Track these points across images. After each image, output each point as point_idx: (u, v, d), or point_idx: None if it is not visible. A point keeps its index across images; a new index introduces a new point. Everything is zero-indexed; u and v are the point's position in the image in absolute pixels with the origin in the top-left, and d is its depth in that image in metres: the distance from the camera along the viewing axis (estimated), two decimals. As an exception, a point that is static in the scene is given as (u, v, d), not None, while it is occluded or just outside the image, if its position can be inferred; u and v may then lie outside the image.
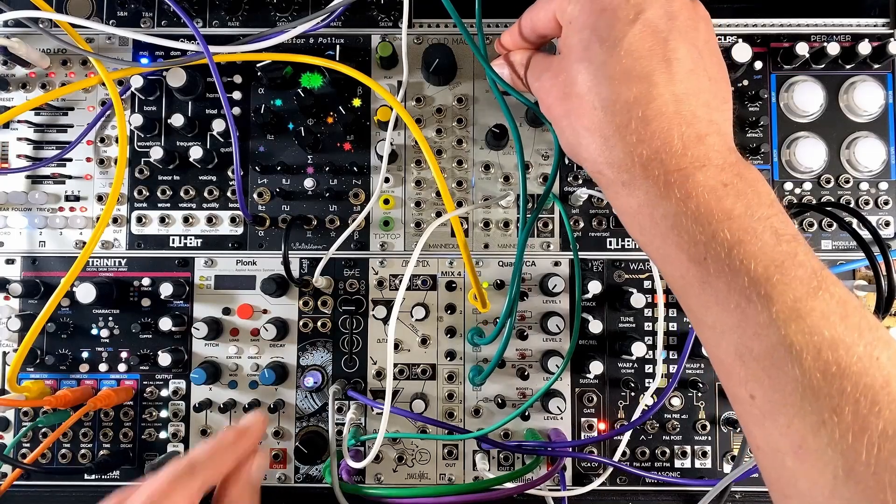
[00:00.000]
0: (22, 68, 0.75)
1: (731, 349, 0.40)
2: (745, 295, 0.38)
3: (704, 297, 0.41)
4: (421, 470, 0.73)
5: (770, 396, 0.38)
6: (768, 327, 0.37)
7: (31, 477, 0.72)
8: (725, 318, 0.40)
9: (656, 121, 0.43)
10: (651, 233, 0.44)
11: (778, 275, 0.38)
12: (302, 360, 0.73)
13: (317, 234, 0.74)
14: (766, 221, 0.40)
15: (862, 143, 0.73)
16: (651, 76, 0.43)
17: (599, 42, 0.45)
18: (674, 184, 0.42)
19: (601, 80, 0.45)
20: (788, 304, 0.37)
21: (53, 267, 0.74)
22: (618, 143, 0.44)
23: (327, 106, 0.74)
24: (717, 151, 0.43)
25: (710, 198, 0.41)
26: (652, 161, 0.43)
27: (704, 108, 0.44)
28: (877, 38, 0.74)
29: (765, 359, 0.38)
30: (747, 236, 0.39)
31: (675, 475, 0.72)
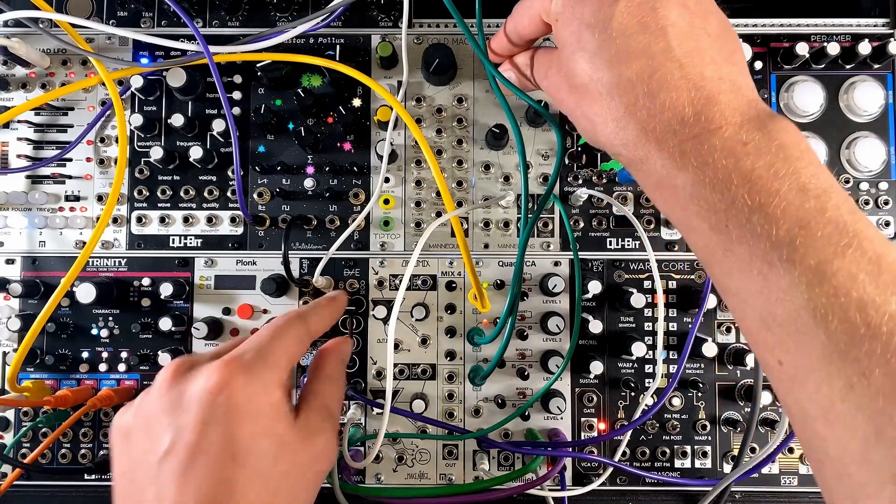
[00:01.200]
0: (22, 68, 0.75)
1: (755, 316, 0.39)
2: (767, 260, 0.37)
3: (727, 265, 0.40)
4: (421, 470, 0.73)
5: (797, 362, 0.37)
6: (791, 291, 0.36)
7: (31, 477, 0.72)
8: (748, 285, 0.39)
9: (662, 92, 0.42)
10: (672, 205, 0.44)
11: (801, 236, 0.36)
12: (302, 361, 0.73)
13: (317, 234, 0.74)
14: (791, 178, 0.38)
15: (862, 143, 0.73)
16: (648, 49, 0.42)
17: (589, 29, 0.45)
18: (689, 153, 0.41)
19: (600, 66, 0.44)
20: (812, 266, 0.36)
21: (53, 267, 0.74)
22: (630, 123, 0.43)
23: (327, 106, 0.74)
24: (733, 109, 0.41)
25: (727, 162, 0.39)
26: (665, 133, 0.42)
27: (711, 66, 0.42)
28: (877, 38, 0.74)
29: (789, 324, 0.37)
30: (769, 198, 0.38)
31: (675, 475, 0.72)
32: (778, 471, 0.72)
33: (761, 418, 0.71)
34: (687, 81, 0.42)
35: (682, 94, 0.42)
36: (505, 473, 0.66)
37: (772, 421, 0.71)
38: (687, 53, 0.42)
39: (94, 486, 0.73)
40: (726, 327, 0.73)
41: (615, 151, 0.47)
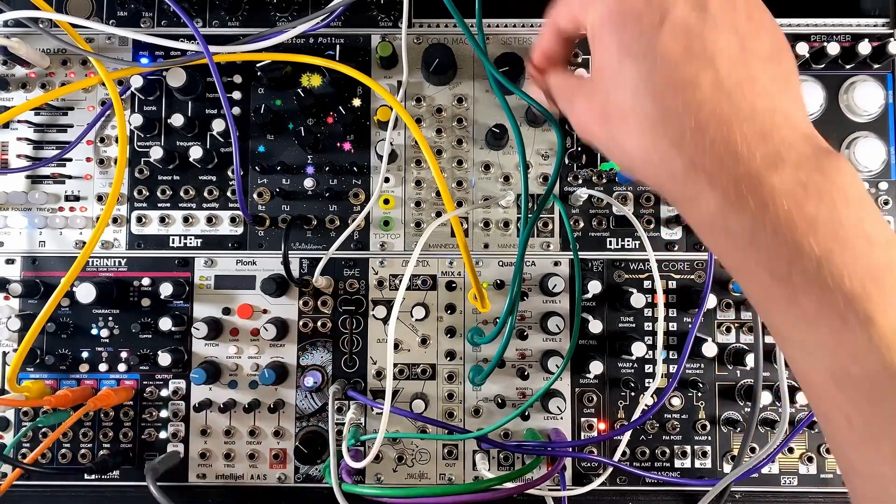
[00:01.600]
0: (22, 68, 0.75)
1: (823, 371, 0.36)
2: (840, 315, 0.35)
3: (791, 315, 0.37)
4: (421, 470, 0.73)
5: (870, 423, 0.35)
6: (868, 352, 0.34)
7: (31, 477, 0.72)
8: (817, 339, 0.36)
9: (712, 126, 0.38)
10: (727, 247, 0.40)
11: (876, 291, 0.34)
12: (302, 360, 0.73)
13: (317, 234, 0.74)
14: (856, 225, 0.35)
15: (862, 143, 0.73)
16: (695, 79, 0.39)
17: (631, 57, 0.41)
18: (746, 192, 0.37)
19: (642, 97, 0.41)
20: (891, 325, 0.33)
21: (53, 267, 0.74)
22: (676, 158, 0.40)
23: (327, 106, 0.74)
24: (789, 145, 0.38)
25: (789, 205, 0.36)
26: (718, 170, 0.38)
27: (764, 98, 0.39)
28: (877, 38, 0.74)
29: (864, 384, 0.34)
30: (837, 247, 0.35)
31: (675, 475, 0.72)
32: (778, 471, 0.72)
33: (761, 418, 0.71)
34: (738, 115, 0.38)
35: (733, 128, 0.38)
36: (505, 473, 0.66)
37: (772, 421, 0.71)
38: (738, 84, 0.39)
39: (94, 486, 0.73)
40: (726, 327, 0.73)
41: (659, 185, 0.43)
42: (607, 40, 0.43)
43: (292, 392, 0.73)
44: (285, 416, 0.73)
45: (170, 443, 0.73)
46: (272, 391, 0.73)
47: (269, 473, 0.73)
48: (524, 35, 0.75)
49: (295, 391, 0.73)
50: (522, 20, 0.75)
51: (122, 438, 0.73)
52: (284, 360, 0.73)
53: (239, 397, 0.73)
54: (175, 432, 0.73)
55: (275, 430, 0.73)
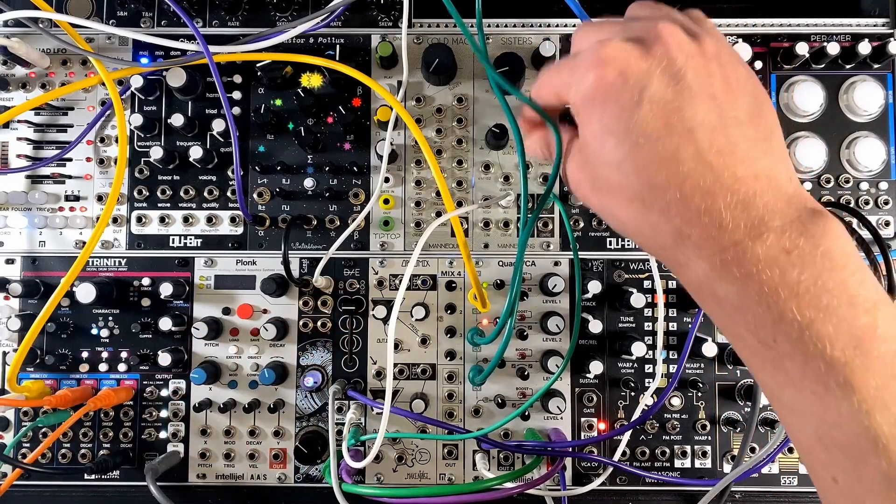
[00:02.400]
0: (22, 68, 0.75)
1: (809, 433, 0.38)
2: (822, 381, 0.36)
3: (779, 379, 0.39)
4: (421, 470, 0.73)
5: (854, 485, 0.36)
6: (850, 417, 0.35)
7: (31, 477, 0.72)
8: (802, 403, 0.37)
9: (696, 198, 0.39)
10: (716, 312, 0.42)
11: (857, 357, 0.35)
12: (302, 360, 0.73)
13: (317, 234, 0.74)
14: (840, 290, 0.36)
15: (862, 143, 0.73)
16: (676, 154, 0.40)
17: (613, 136, 0.42)
18: (731, 262, 0.38)
19: (627, 174, 0.42)
20: (871, 392, 0.34)
21: (53, 267, 0.74)
22: (664, 228, 0.41)
23: (327, 106, 0.74)
24: (773, 211, 0.38)
25: (772, 273, 0.37)
26: (704, 240, 0.39)
27: (745, 164, 0.40)
28: (877, 38, 0.74)
29: (848, 448, 0.35)
30: (819, 314, 0.36)
31: (675, 475, 0.72)
32: (778, 471, 0.72)
33: (761, 418, 0.71)
34: (720, 185, 0.39)
35: (717, 199, 0.39)
36: (505, 473, 0.66)
37: (772, 421, 0.71)
38: (718, 153, 0.40)
39: (94, 486, 0.73)
40: (726, 327, 0.73)
41: (652, 252, 0.45)
42: (589, 118, 0.44)
43: (292, 392, 0.73)
44: (285, 416, 0.73)
45: (170, 443, 0.73)
46: (272, 391, 0.73)
47: (269, 473, 0.73)
48: (524, 35, 0.75)
49: (295, 391, 0.73)
50: (522, 20, 0.75)
51: (122, 438, 0.73)
52: (284, 360, 0.73)
53: (239, 397, 0.73)
54: (175, 432, 0.73)
55: (275, 430, 0.73)
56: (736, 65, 0.44)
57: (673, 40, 0.41)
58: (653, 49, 0.41)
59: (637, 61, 0.41)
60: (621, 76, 0.41)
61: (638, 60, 0.41)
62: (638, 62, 0.41)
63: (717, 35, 0.45)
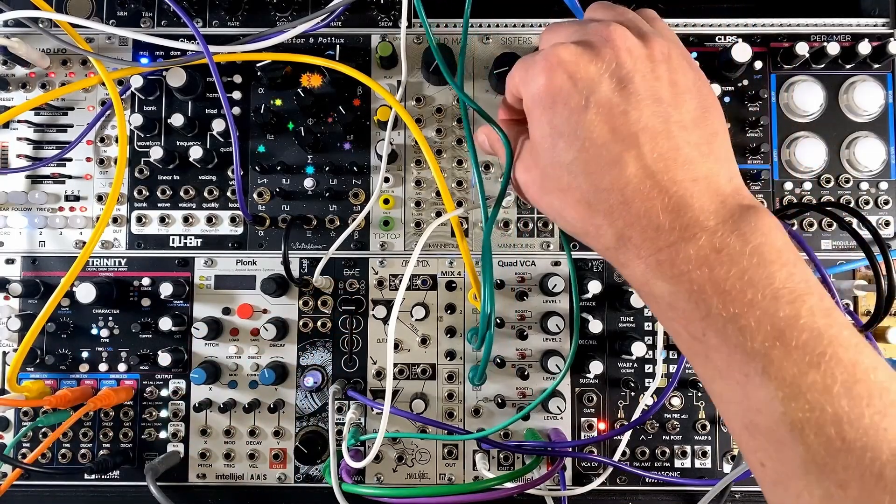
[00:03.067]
0: (22, 68, 0.75)
1: (738, 420, 0.40)
2: (744, 371, 0.38)
3: (709, 370, 0.41)
4: (421, 470, 0.73)
5: (778, 468, 0.38)
6: (768, 405, 0.37)
7: (31, 477, 0.72)
8: (729, 392, 0.40)
9: (636, 202, 0.41)
10: (654, 308, 0.45)
11: (776, 348, 0.37)
12: (302, 360, 0.73)
13: (317, 234, 0.74)
14: (765, 284, 0.38)
15: (862, 143, 0.73)
16: (620, 158, 0.42)
17: (562, 138, 0.43)
18: (664, 262, 0.41)
19: (575, 176, 0.44)
20: (787, 380, 0.36)
21: (53, 267, 0.74)
22: (607, 230, 0.43)
23: (327, 106, 0.74)
24: (707, 212, 0.40)
25: (701, 272, 0.39)
26: (643, 241, 0.42)
27: (685, 168, 0.41)
28: (877, 38, 0.74)
29: (769, 434, 0.37)
30: (742, 309, 0.38)
31: (675, 475, 0.72)
32: (778, 471, 0.72)
33: (761, 418, 0.71)
34: (659, 189, 0.41)
35: (655, 202, 0.41)
36: (505, 473, 0.66)
37: (772, 421, 0.71)
38: (660, 158, 0.41)
39: (94, 486, 0.73)
40: (726, 327, 0.73)
41: (597, 251, 0.47)
42: (539, 120, 0.45)
43: (292, 392, 0.73)
44: (285, 416, 0.73)
45: (170, 443, 0.73)
46: (272, 391, 0.73)
47: (269, 473, 0.73)
48: (524, 35, 0.75)
49: (295, 391, 0.73)
50: (522, 20, 0.75)
51: (122, 438, 0.73)
52: (284, 360, 0.73)
53: (239, 397, 0.73)
54: (175, 432, 0.73)
55: (275, 430, 0.73)
56: (685, 68, 0.45)
57: (622, 44, 0.43)
58: (602, 53, 0.43)
59: (586, 65, 0.42)
60: (570, 79, 0.43)
61: (587, 64, 0.42)
62: (587, 66, 0.42)
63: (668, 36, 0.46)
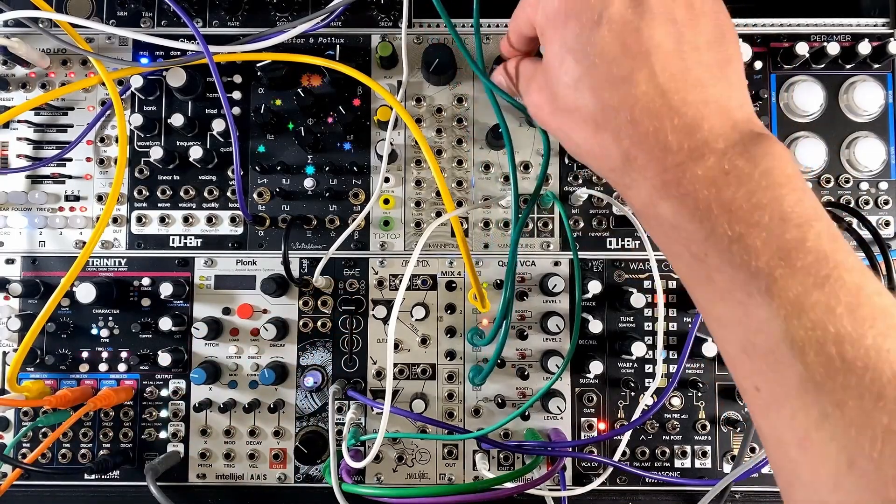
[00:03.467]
0: (22, 68, 0.75)
1: (735, 343, 0.40)
2: (747, 291, 0.37)
3: (709, 293, 0.41)
4: (421, 470, 0.73)
5: (774, 390, 0.37)
6: (770, 323, 0.36)
7: (31, 477, 0.72)
8: (729, 314, 0.39)
9: (645, 121, 0.41)
10: (656, 231, 0.44)
11: (781, 267, 0.36)
12: (302, 360, 0.73)
13: (317, 234, 0.74)
14: (772, 207, 0.38)
15: (862, 143, 0.73)
16: (631, 76, 0.41)
17: (571, 54, 0.43)
18: (670, 182, 0.40)
19: (583, 93, 0.43)
20: (791, 298, 0.36)
21: (53, 267, 0.74)
22: (613, 150, 0.43)
23: (327, 106, 0.74)
24: (717, 135, 0.40)
25: (708, 192, 0.39)
26: (649, 161, 0.41)
27: (697, 89, 0.41)
28: (877, 38, 0.74)
29: (768, 354, 0.37)
30: (748, 229, 0.37)
31: (675, 475, 0.72)
32: (778, 471, 0.72)
33: (761, 418, 0.71)
34: (669, 109, 0.40)
35: (664, 122, 0.40)
36: (505, 473, 0.66)
37: (772, 421, 0.71)
38: (671, 78, 0.41)
39: (94, 486, 0.73)
40: (726, 327, 0.73)
41: (602, 174, 0.47)
42: (551, 37, 0.45)
43: (292, 392, 0.73)
44: (285, 416, 0.73)
45: (170, 443, 0.73)
46: (272, 391, 0.73)
47: (269, 473, 0.73)
48: (524, 35, 0.75)
49: (295, 391, 0.73)
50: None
51: (122, 438, 0.73)
52: (284, 360, 0.73)
53: (239, 397, 0.73)
54: (175, 432, 0.73)
55: (275, 430, 0.73)
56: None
57: None
58: None
59: None
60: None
61: None
62: None
63: None
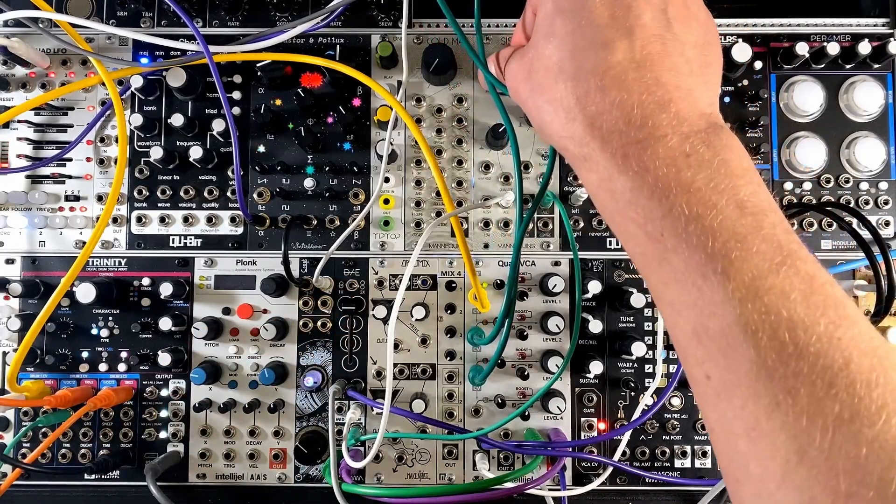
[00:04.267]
0: (22, 68, 0.75)
1: (688, 328, 0.39)
2: (702, 272, 0.37)
3: (663, 274, 0.40)
4: (421, 470, 0.73)
5: (725, 377, 0.37)
6: (724, 306, 0.36)
7: (31, 477, 0.72)
8: (683, 297, 0.39)
9: (614, 89, 0.41)
10: (611, 209, 0.43)
11: (737, 251, 0.36)
12: (302, 360, 0.73)
13: (317, 234, 0.74)
14: (730, 193, 0.38)
15: (862, 143, 0.73)
16: (611, 44, 0.42)
17: (562, 15, 0.44)
18: (631, 156, 0.40)
19: (563, 52, 0.44)
20: (746, 281, 0.36)
21: (53, 267, 0.74)
22: (578, 115, 0.43)
23: (327, 106, 0.74)
24: (682, 118, 0.40)
25: (668, 171, 0.39)
26: (611, 133, 0.41)
27: (671, 73, 0.42)
28: (877, 38, 0.74)
29: (720, 338, 0.36)
30: (706, 210, 0.38)
31: (675, 475, 0.72)
32: (778, 471, 0.72)
33: (761, 418, 0.71)
34: (641, 84, 0.41)
35: (633, 95, 0.41)
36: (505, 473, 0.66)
37: (772, 421, 0.71)
38: (648, 56, 0.41)
39: (94, 486, 0.73)
40: (726, 327, 0.73)
41: (562, 145, 0.46)
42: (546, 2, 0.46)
43: (292, 392, 0.73)
44: (285, 416, 0.73)
45: (170, 443, 0.73)
46: (272, 391, 0.73)
47: (269, 473, 0.73)
48: (524, 35, 0.75)
49: (295, 391, 0.73)
50: (522, 20, 0.75)
51: (122, 438, 0.73)
52: (284, 360, 0.73)
53: (239, 397, 0.73)
54: (175, 432, 0.73)
55: (275, 430, 0.73)
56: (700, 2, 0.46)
57: None
58: None
59: None
60: None
61: None
62: None
63: None
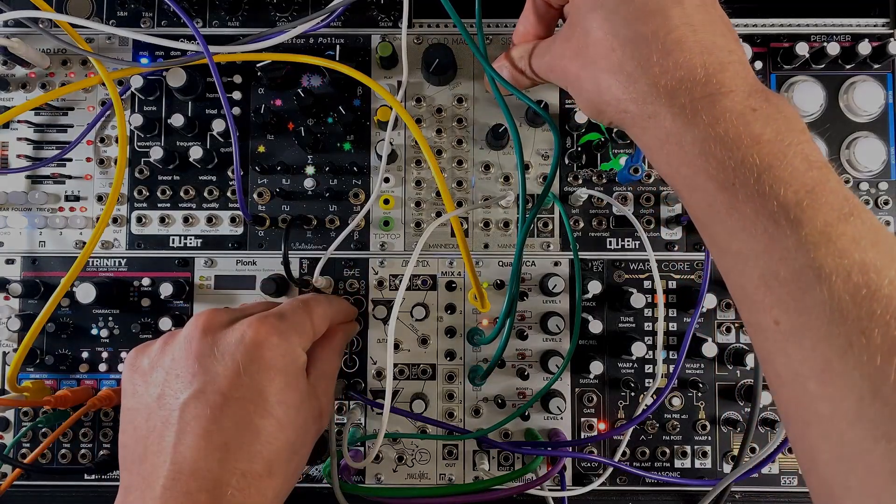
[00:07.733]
0: (22, 68, 0.75)
1: (755, 275, 0.40)
2: (774, 219, 0.39)
3: (731, 224, 0.41)
4: (421, 470, 0.73)
5: (795, 320, 0.38)
6: (797, 250, 0.37)
7: (31, 477, 0.72)
8: (752, 244, 0.40)
9: (677, 51, 0.43)
10: (679, 162, 0.44)
11: (808, 200, 0.38)
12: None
13: (317, 234, 0.74)
14: (796, 147, 0.40)
15: (862, 143, 0.73)
16: (665, 10, 0.44)
17: None
18: (701, 110, 0.42)
19: (617, 22, 0.45)
20: (818, 227, 0.37)
21: (53, 267, 0.74)
22: (641, 77, 0.44)
23: (327, 106, 0.74)
24: (741, 78, 0.43)
25: (738, 122, 0.41)
26: (677, 90, 0.43)
27: (722, 38, 0.44)
28: (877, 38, 0.74)
29: (792, 282, 0.38)
30: (777, 161, 0.39)
31: (675, 475, 0.72)
32: (778, 471, 0.72)
33: (761, 418, 0.71)
34: (700, 45, 0.43)
35: (695, 56, 0.43)
36: (505, 473, 0.66)
37: (772, 421, 0.71)
38: (701, 22, 0.44)
39: (94, 486, 0.73)
40: (726, 327, 0.73)
41: (622, 108, 0.47)
42: None
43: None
44: (285, 416, 0.73)
45: (170, 443, 0.73)
46: (272, 391, 0.73)
47: (269, 473, 0.73)
48: (524, 35, 0.75)
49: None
50: (522, 20, 0.75)
51: (122, 438, 0.73)
52: (284, 360, 0.73)
53: (239, 397, 0.73)
54: (175, 432, 0.73)
55: (275, 430, 0.73)
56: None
57: None
58: None
59: None
60: None
61: None
62: None
63: None
